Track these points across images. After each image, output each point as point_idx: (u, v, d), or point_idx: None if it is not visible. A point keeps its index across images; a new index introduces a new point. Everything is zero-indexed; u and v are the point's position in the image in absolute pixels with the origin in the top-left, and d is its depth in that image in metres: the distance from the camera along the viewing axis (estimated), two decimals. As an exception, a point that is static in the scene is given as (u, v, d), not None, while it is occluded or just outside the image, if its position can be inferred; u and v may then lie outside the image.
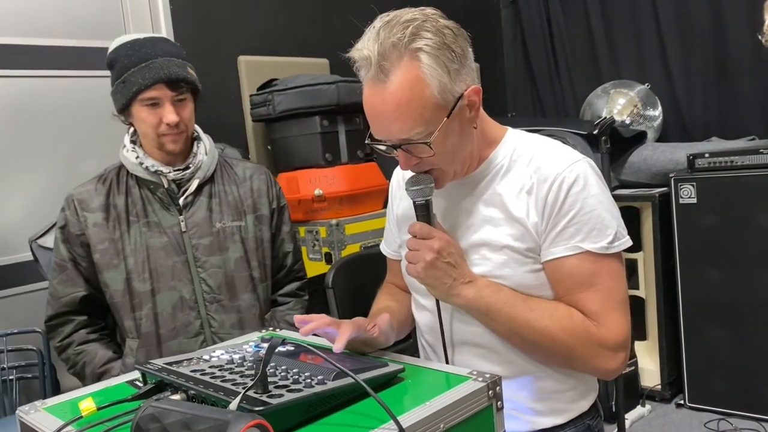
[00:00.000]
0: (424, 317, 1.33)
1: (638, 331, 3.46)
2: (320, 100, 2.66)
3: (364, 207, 2.76)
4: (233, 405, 0.83)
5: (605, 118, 1.72)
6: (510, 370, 1.21)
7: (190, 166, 1.68)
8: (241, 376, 0.97)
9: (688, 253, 3.20)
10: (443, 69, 1.07)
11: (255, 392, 0.88)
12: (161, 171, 1.66)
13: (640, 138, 3.54)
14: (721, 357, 3.14)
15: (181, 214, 1.67)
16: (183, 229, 1.67)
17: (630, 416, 3.17)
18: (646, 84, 3.81)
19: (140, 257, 1.64)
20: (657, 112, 3.78)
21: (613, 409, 3.14)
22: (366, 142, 1.17)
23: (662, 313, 3.35)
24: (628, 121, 3.71)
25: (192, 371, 1.00)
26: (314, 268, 2.59)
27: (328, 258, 2.62)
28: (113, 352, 1.70)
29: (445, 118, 1.10)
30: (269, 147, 2.95)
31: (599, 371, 1.20)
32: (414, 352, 1.43)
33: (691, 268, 3.20)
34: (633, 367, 3.30)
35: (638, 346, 3.44)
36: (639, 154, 3.45)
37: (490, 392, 0.96)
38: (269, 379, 0.92)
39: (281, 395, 0.87)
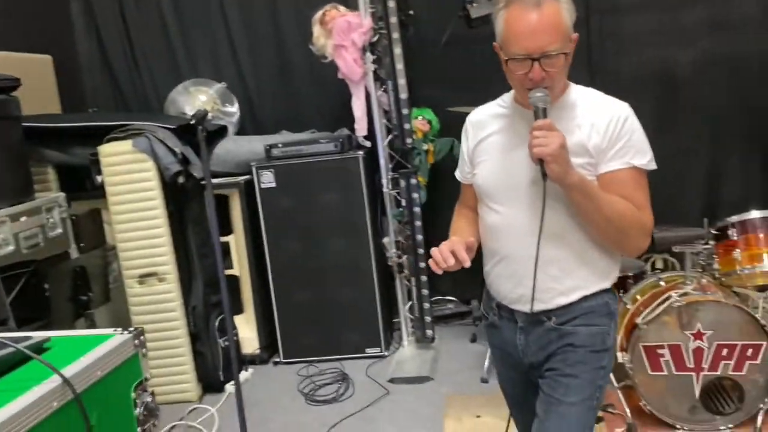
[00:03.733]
0: (495, 219, 1.66)
1: (235, 306, 3.82)
2: None
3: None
4: None
5: (199, 110, 1.94)
6: (573, 251, 1.59)
7: None
8: None
9: (273, 231, 3.69)
10: (571, 12, 1.50)
11: None
12: None
13: (222, 132, 3.87)
14: (306, 315, 3.72)
15: None
16: None
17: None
18: (223, 83, 4.17)
19: None
20: (234, 108, 4.19)
21: (222, 378, 3.46)
22: (504, 59, 1.52)
23: (255, 286, 3.77)
24: (209, 117, 4.02)
25: None
26: None
27: None
28: None
29: (570, 43, 1.50)
30: None
31: (638, 247, 1.58)
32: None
33: (276, 244, 3.70)
34: (235, 338, 3.65)
35: (237, 319, 3.80)
36: (223, 146, 3.79)
37: (136, 341, 1.10)
38: None
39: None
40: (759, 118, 3.45)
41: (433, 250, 1.56)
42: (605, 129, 1.54)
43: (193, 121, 1.94)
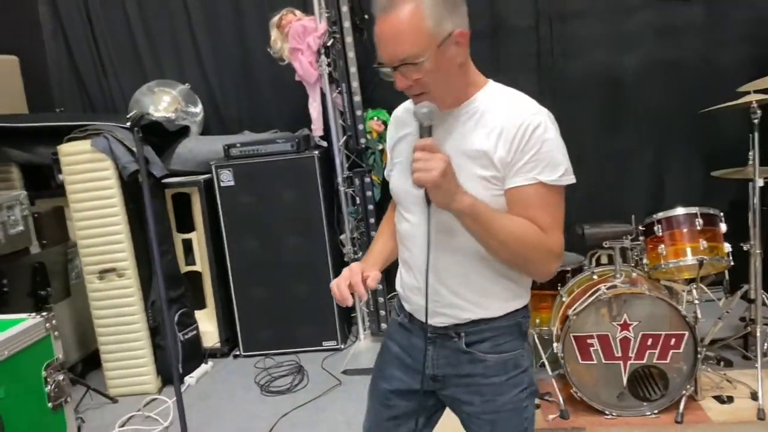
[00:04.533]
0: (405, 227, 1.56)
1: (198, 301, 3.93)
2: None
3: None
4: None
5: (135, 112, 2.05)
6: (473, 268, 1.48)
7: None
8: None
9: (232, 228, 3.80)
10: (440, 7, 1.33)
11: None
12: None
13: (184, 132, 3.99)
14: (265, 310, 3.84)
15: None
16: None
17: (196, 374, 3.62)
18: (186, 84, 4.27)
19: None
20: (198, 109, 4.29)
21: (181, 371, 3.56)
22: (374, 66, 1.40)
23: (216, 282, 3.88)
24: (173, 117, 4.13)
25: None
26: None
27: None
28: None
29: (436, 47, 1.33)
30: None
31: (543, 272, 1.46)
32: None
33: (235, 241, 3.81)
34: (195, 332, 3.76)
35: (199, 314, 3.91)
36: (184, 146, 3.90)
37: (48, 325, 1.21)
38: None
39: None
40: (699, 120, 3.59)
41: (332, 285, 1.51)
42: (512, 139, 1.38)
43: (129, 124, 2.05)
